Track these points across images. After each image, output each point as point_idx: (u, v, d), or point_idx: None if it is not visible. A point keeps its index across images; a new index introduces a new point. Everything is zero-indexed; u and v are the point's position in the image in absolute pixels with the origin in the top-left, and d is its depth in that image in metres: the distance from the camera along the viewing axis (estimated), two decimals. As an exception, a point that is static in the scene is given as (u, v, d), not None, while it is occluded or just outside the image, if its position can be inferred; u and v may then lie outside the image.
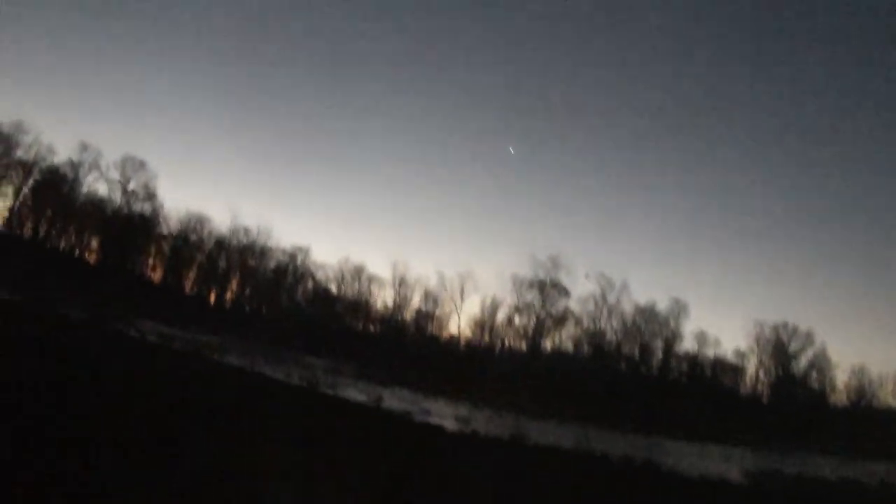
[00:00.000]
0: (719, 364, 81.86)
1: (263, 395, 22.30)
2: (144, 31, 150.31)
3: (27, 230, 76.58)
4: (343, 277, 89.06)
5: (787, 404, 73.57)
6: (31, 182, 76.11)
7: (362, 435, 17.59)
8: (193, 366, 26.78)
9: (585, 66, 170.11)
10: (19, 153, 74.29)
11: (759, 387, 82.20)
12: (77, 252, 79.94)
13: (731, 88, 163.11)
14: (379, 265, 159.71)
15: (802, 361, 79.74)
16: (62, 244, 79.14)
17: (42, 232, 77.39)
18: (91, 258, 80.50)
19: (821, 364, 78.96)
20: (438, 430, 25.46)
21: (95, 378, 14.71)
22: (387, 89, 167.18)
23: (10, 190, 74.89)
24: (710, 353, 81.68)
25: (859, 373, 78.80)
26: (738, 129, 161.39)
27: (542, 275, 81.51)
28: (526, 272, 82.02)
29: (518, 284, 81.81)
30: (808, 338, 78.95)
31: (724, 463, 37.58)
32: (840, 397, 79.85)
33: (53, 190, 76.76)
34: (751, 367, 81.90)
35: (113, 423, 9.75)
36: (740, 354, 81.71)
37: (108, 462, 7.68)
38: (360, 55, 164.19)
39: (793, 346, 79.41)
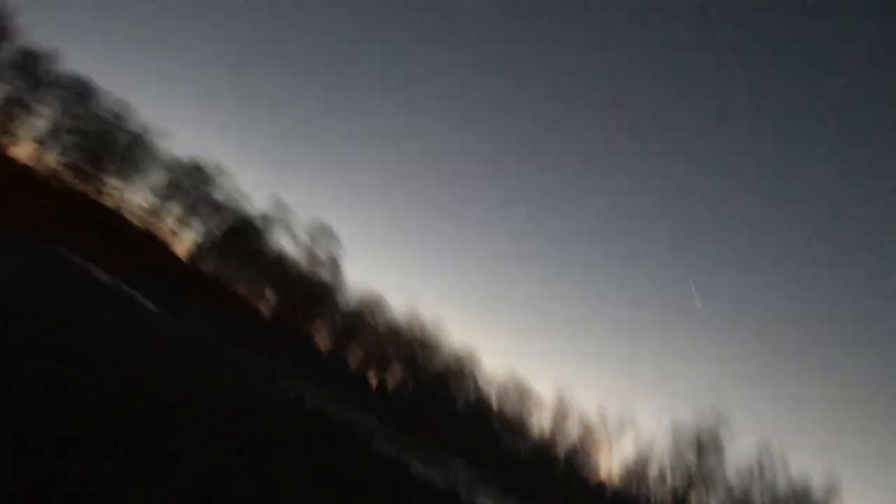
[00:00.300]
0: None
1: (406, 489, 20.86)
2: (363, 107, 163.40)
3: (209, 268, 79.59)
4: (507, 392, 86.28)
5: None
6: (220, 222, 79.68)
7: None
8: (340, 439, 26.15)
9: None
10: (215, 193, 78.63)
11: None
12: (253, 302, 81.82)
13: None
14: (541, 387, 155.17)
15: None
16: (241, 290, 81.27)
17: (223, 273, 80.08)
18: (265, 310, 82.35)
19: None
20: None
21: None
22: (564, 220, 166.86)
23: (199, 224, 78.97)
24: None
25: None
26: None
27: (702, 427, 72.98)
28: (686, 419, 74.01)
29: (677, 435, 73.68)
30: None
31: None
32: None
33: (244, 237, 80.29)
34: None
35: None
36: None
37: None
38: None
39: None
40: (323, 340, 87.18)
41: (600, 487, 78.61)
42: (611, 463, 78.68)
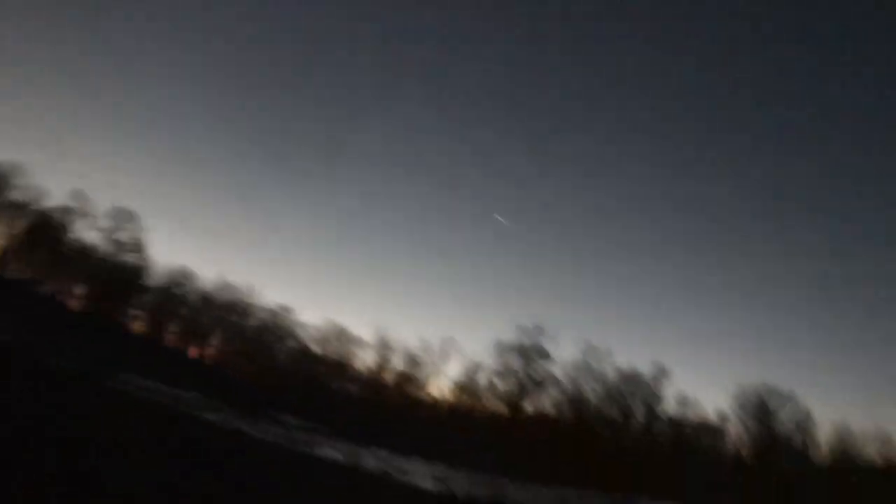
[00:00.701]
0: (701, 426, 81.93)
1: (240, 452, 22.29)
2: (139, 80, 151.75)
3: (14, 272, 75.74)
4: (325, 338, 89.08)
5: (770, 464, 73.35)
6: (22, 224, 76.06)
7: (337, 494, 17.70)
8: (172, 420, 26.71)
9: (562, 129, 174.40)
10: (14, 195, 74.73)
11: (742, 448, 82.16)
12: (62, 297, 78.73)
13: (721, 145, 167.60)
14: (362, 328, 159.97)
15: (784, 421, 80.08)
16: (48, 289, 78.03)
17: (29, 275, 76.47)
18: (75, 305, 79.29)
19: (803, 423, 79.34)
20: (415, 490, 25.40)
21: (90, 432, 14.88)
22: (370, 149, 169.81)
23: (1, 231, 75.07)
24: (692, 415, 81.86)
25: (841, 430, 79.10)
26: (721, 186, 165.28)
27: (525, 340, 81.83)
28: (509, 338, 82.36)
29: (501, 349, 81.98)
30: (790, 397, 79.48)
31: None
32: (823, 455, 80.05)
33: (44, 234, 76.79)
34: (733, 428, 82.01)
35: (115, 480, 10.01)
36: (722, 416, 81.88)
37: None
38: (347, 110, 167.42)
39: (774, 406, 79.88)
40: (138, 324, 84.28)
41: (432, 404, 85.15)
42: (441, 385, 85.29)
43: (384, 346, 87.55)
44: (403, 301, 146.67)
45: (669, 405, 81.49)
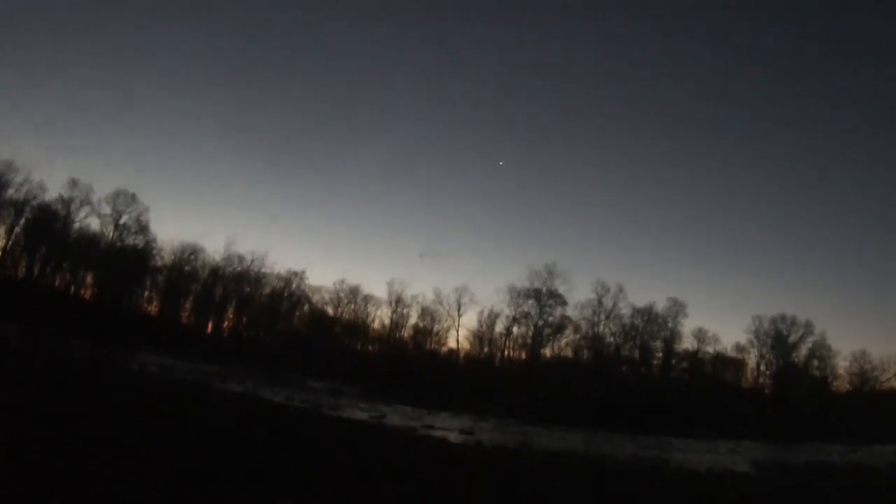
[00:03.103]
0: (720, 360, 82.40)
1: (266, 419, 22.20)
2: (130, 61, 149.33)
3: (21, 270, 75.57)
4: (339, 299, 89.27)
5: (789, 395, 73.67)
6: (22, 221, 75.27)
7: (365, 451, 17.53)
8: (193, 394, 26.67)
9: (573, 69, 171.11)
10: (10, 192, 73.72)
11: (761, 379, 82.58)
12: (72, 289, 78.77)
13: (723, 82, 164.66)
14: (376, 286, 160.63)
15: (803, 351, 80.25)
16: (57, 282, 77.94)
17: (36, 271, 76.43)
18: (87, 294, 79.54)
19: (821, 352, 79.44)
20: (443, 442, 25.38)
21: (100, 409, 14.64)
22: (375, 107, 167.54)
23: (1, 230, 74.28)
24: (710, 349, 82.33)
25: (861, 358, 79.07)
26: (731, 124, 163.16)
27: (538, 284, 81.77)
28: (523, 283, 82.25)
29: (515, 295, 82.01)
30: (808, 327, 79.56)
31: (731, 456, 37.60)
32: (842, 384, 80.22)
33: (46, 228, 75.89)
34: (751, 360, 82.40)
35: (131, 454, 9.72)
36: (741, 349, 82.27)
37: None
38: (349, 75, 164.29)
39: (792, 337, 79.88)
40: (151, 306, 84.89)
41: (451, 356, 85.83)
42: (458, 334, 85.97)
43: (399, 303, 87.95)
44: (415, 257, 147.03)
45: (687, 341, 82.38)
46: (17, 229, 75.35)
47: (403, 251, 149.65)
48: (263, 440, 15.40)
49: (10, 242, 74.85)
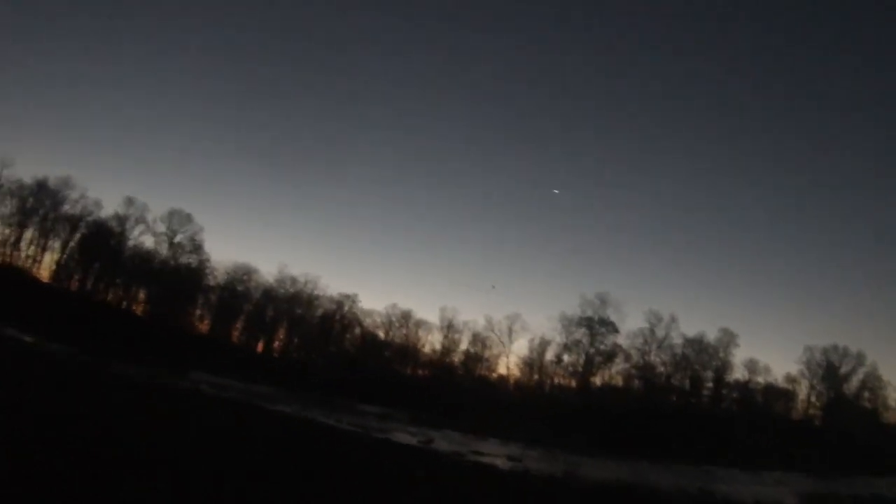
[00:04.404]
0: (771, 391, 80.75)
1: (315, 441, 22.53)
2: (186, 84, 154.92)
3: (74, 284, 78.06)
4: (391, 323, 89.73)
5: (840, 426, 71.02)
6: (77, 236, 78.16)
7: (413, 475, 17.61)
8: (245, 414, 27.26)
9: (630, 102, 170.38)
10: (66, 208, 77.12)
11: (812, 411, 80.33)
12: (125, 304, 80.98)
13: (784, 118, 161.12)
14: (427, 311, 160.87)
15: (854, 382, 78.46)
16: (110, 297, 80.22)
17: (89, 285, 78.90)
18: (139, 310, 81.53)
19: (873, 384, 77.69)
20: (490, 469, 25.23)
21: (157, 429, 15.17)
22: (432, 138, 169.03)
23: (57, 244, 77.59)
24: (760, 380, 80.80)
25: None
26: (787, 152, 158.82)
27: (590, 312, 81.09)
28: (574, 311, 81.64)
29: (567, 323, 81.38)
30: (860, 358, 78.06)
31: (779, 487, 36.32)
32: (894, 416, 77.58)
33: (100, 243, 78.28)
34: (802, 391, 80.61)
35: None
36: (791, 380, 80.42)
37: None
38: (416, 106, 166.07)
39: (844, 368, 78.29)
40: (202, 324, 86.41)
41: (501, 382, 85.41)
42: (508, 361, 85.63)
43: (451, 328, 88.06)
44: (467, 281, 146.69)
45: (738, 371, 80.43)
46: (72, 244, 78.24)
47: (455, 277, 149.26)
48: (311, 461, 15.67)
49: (65, 256, 77.86)
